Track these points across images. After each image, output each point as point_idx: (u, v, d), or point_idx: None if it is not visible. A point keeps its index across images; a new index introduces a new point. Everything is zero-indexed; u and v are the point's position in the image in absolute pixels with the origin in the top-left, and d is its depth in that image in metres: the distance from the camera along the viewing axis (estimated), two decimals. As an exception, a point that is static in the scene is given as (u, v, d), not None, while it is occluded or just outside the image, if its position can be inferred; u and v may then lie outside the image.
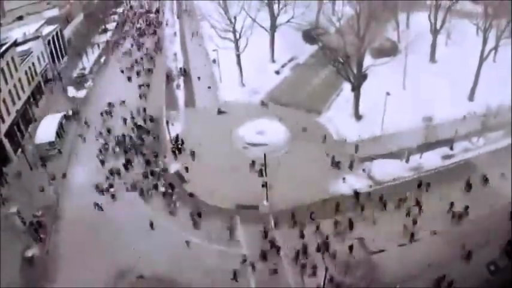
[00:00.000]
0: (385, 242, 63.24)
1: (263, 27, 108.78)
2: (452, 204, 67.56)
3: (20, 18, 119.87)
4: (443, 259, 60.20)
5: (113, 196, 75.09)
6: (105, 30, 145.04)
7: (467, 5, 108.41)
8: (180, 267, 61.52)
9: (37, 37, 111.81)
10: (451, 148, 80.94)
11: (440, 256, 60.78)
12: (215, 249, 64.13)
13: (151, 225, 68.40)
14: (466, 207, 66.65)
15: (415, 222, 65.46)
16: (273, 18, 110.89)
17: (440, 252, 61.53)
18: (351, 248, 62.29)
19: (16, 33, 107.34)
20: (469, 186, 71.40)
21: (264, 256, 62.16)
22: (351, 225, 65.70)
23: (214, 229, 67.18)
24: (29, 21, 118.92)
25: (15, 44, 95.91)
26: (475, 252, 60.15)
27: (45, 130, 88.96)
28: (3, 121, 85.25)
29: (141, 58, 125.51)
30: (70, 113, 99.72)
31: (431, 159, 79.00)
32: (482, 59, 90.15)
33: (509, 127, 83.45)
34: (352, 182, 74.68)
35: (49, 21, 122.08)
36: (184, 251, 64.03)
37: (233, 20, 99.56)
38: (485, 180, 71.97)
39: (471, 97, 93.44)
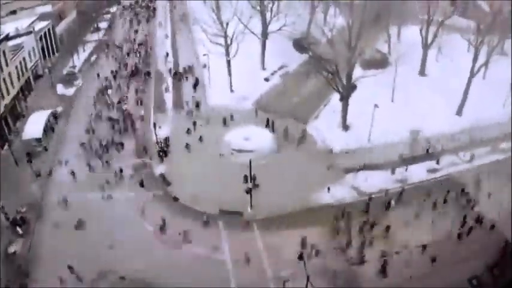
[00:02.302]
0: (367, 252, 63.40)
1: (254, 34, 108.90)
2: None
3: (14, 12, 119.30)
4: (426, 272, 60.63)
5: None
6: (97, 29, 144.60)
7: (460, 21, 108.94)
8: (160, 270, 61.37)
9: (29, 32, 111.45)
10: (437, 162, 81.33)
11: (422, 269, 61.09)
12: (197, 254, 64.11)
13: (134, 227, 68.62)
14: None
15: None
16: (265, 25, 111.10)
17: (423, 264, 61.72)
18: (333, 257, 62.61)
19: (8, 27, 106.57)
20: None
21: (246, 261, 62.36)
22: (334, 235, 65.87)
23: (197, 233, 67.13)
24: (22, 16, 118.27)
25: (7, 38, 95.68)
26: (457, 267, 60.61)
27: (33, 126, 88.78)
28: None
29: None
30: (58, 110, 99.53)
31: (417, 172, 79.25)
32: (472, 75, 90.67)
33: (496, 143, 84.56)
34: (337, 192, 74.88)
35: (42, 17, 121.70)
36: (166, 254, 64.12)
37: (225, 26, 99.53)
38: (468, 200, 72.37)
39: (459, 112, 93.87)
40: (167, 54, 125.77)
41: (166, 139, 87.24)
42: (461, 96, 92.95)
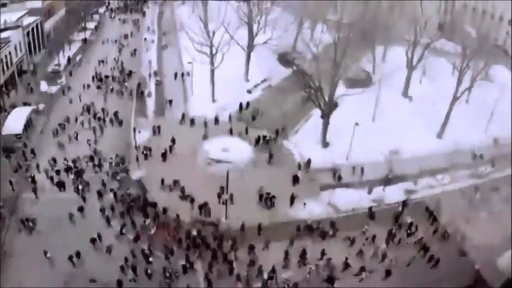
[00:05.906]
0: (340, 270, 63.48)
1: (240, 45, 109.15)
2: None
3: (4, 5, 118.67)
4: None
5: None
6: (85, 29, 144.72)
7: (446, 44, 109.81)
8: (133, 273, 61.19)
9: (17, 26, 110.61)
10: (415, 183, 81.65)
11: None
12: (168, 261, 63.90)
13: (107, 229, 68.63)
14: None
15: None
16: (251, 37, 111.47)
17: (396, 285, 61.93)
18: (305, 274, 62.50)
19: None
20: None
21: (218, 273, 62.28)
22: (305, 252, 65.71)
23: (170, 241, 66.87)
24: (12, 10, 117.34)
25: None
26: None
27: (14, 122, 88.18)
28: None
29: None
30: (40, 107, 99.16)
31: (394, 193, 79.44)
32: (455, 98, 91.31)
33: (475, 168, 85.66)
34: (313, 208, 74.86)
35: (31, 12, 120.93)
36: (138, 258, 63.88)
37: (211, 35, 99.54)
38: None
39: (440, 135, 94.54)
40: (151, 60, 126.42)
41: (145, 144, 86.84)
42: (443, 119, 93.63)
